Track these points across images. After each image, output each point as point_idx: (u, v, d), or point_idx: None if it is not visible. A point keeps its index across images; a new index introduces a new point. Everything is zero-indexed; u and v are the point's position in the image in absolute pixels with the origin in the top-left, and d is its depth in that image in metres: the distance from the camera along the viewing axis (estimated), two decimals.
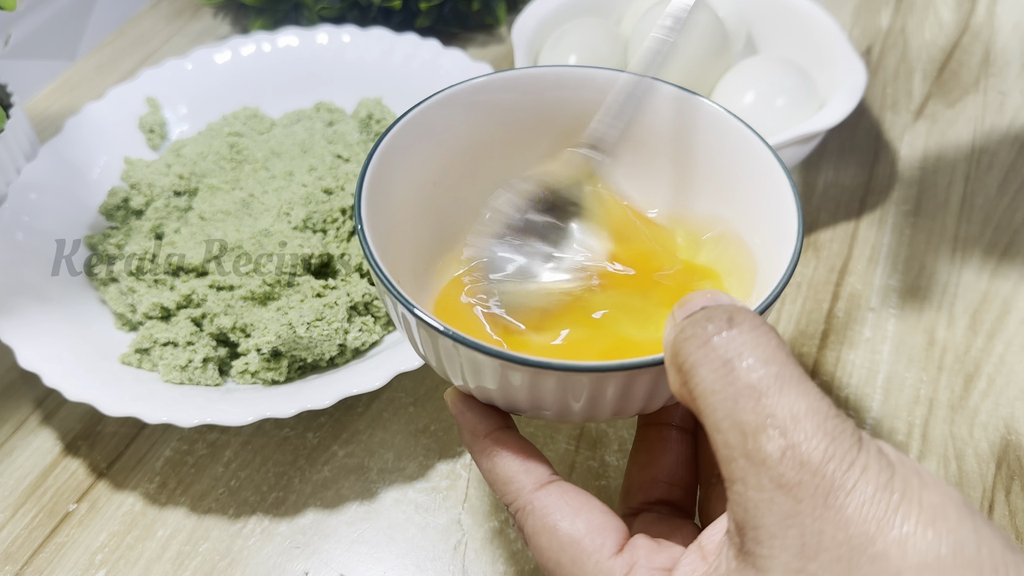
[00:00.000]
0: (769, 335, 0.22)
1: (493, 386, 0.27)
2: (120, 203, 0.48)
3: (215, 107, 0.55)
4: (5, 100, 0.51)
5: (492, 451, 0.28)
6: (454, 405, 0.30)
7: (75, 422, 0.43)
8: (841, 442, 0.20)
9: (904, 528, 0.19)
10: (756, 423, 0.21)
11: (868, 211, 0.51)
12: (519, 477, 0.27)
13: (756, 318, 0.23)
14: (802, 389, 0.21)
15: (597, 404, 0.27)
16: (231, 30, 0.67)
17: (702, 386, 0.22)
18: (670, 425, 0.31)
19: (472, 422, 0.29)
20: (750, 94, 0.49)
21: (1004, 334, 0.45)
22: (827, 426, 0.21)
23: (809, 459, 0.20)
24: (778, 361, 0.22)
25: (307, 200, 0.46)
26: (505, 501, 0.28)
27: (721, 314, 0.23)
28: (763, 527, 0.21)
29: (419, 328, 0.27)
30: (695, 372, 0.22)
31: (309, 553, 0.38)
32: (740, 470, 0.21)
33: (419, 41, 0.55)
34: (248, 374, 0.42)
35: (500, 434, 0.29)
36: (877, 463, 0.20)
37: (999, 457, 0.40)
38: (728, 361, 0.22)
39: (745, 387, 0.21)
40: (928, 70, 0.61)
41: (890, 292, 0.47)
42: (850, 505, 0.20)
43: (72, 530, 0.39)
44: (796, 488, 0.20)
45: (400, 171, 0.32)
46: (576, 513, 0.26)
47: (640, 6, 0.56)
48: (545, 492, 0.27)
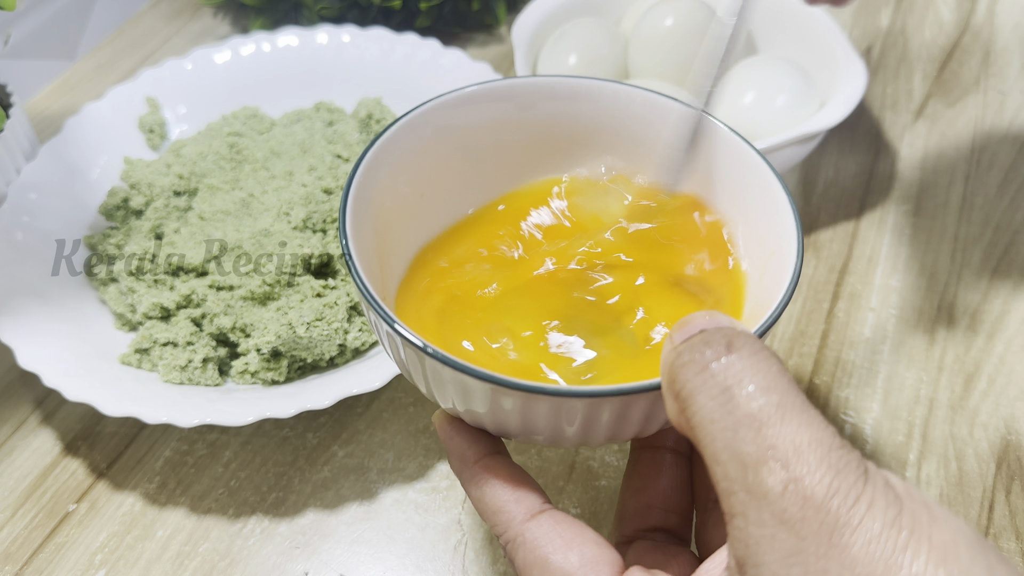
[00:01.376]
0: (770, 360, 0.21)
1: (483, 410, 0.26)
2: (120, 203, 0.48)
3: (215, 107, 0.55)
4: (5, 100, 0.51)
5: (481, 479, 0.27)
6: (442, 429, 0.29)
7: (75, 422, 0.43)
8: (846, 476, 0.19)
9: (913, 568, 0.18)
10: (757, 455, 0.20)
11: (868, 211, 0.51)
12: (509, 507, 0.26)
13: (756, 343, 0.22)
14: (805, 418, 0.20)
15: (591, 429, 0.26)
16: (231, 30, 0.67)
17: (700, 415, 0.21)
18: (664, 448, 0.30)
19: (461, 448, 0.28)
20: (750, 94, 0.49)
21: (1004, 334, 0.45)
22: (831, 458, 0.20)
23: (812, 494, 0.19)
24: (779, 389, 0.21)
25: (307, 200, 0.46)
26: (495, 532, 0.27)
27: (720, 338, 0.22)
28: (764, 564, 0.20)
29: (405, 348, 0.26)
30: (693, 400, 0.21)
31: (309, 553, 0.38)
32: (740, 504, 0.20)
33: (419, 41, 0.55)
34: (248, 374, 0.42)
35: (490, 460, 0.27)
36: (884, 498, 0.19)
37: (999, 457, 0.40)
38: (727, 388, 0.21)
39: (745, 416, 0.20)
40: (928, 70, 0.61)
41: (890, 292, 0.47)
42: (856, 544, 0.19)
43: (72, 530, 0.39)
44: (799, 524, 0.19)
45: (387, 182, 0.32)
46: (568, 546, 0.25)
47: (640, 6, 0.56)
48: (536, 523, 0.26)
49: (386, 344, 0.28)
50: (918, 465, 0.40)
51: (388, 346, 0.28)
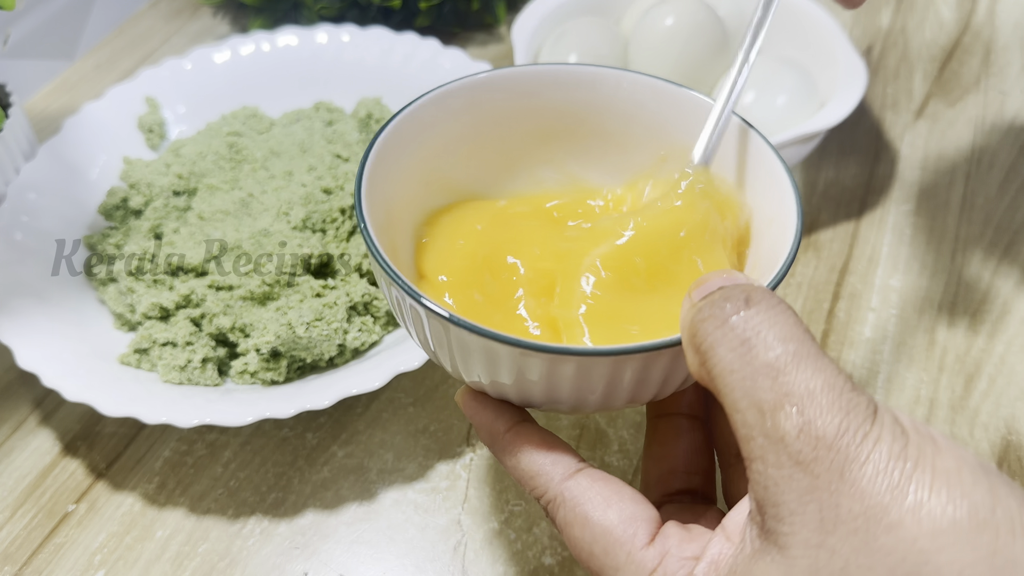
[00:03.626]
0: (787, 313, 0.22)
1: (509, 378, 0.27)
2: (119, 203, 0.48)
3: (214, 107, 0.55)
4: (4, 100, 0.51)
5: (514, 446, 0.28)
6: (467, 405, 0.29)
7: (74, 422, 0.43)
8: (855, 415, 0.21)
9: (918, 495, 0.20)
10: (774, 401, 0.21)
11: (868, 211, 0.51)
12: (546, 468, 0.27)
13: (773, 297, 0.23)
14: (819, 365, 0.21)
15: (614, 390, 0.27)
16: (230, 29, 0.67)
17: (720, 366, 0.22)
18: (680, 415, 0.31)
19: (489, 420, 0.29)
20: (750, 94, 0.49)
21: (1005, 334, 0.45)
22: (841, 400, 0.21)
23: (824, 434, 0.20)
24: (795, 339, 0.22)
25: (306, 200, 0.46)
26: (535, 495, 0.28)
27: (739, 293, 0.23)
28: (783, 504, 0.21)
29: (429, 320, 0.27)
30: (713, 352, 0.23)
31: (308, 554, 0.38)
32: (759, 448, 0.21)
33: (418, 40, 0.55)
34: (247, 374, 0.42)
35: (520, 428, 0.28)
36: (891, 433, 0.20)
37: (1000, 457, 0.40)
38: (746, 340, 0.22)
39: (763, 366, 0.22)
40: (929, 70, 0.61)
41: (890, 292, 0.47)
42: (864, 477, 0.20)
43: (71, 531, 0.39)
44: (813, 464, 0.20)
45: (396, 167, 0.32)
46: (607, 503, 0.26)
47: (640, 6, 0.56)
48: (574, 481, 0.27)
49: (408, 319, 0.28)
50: None
51: (411, 321, 0.28)
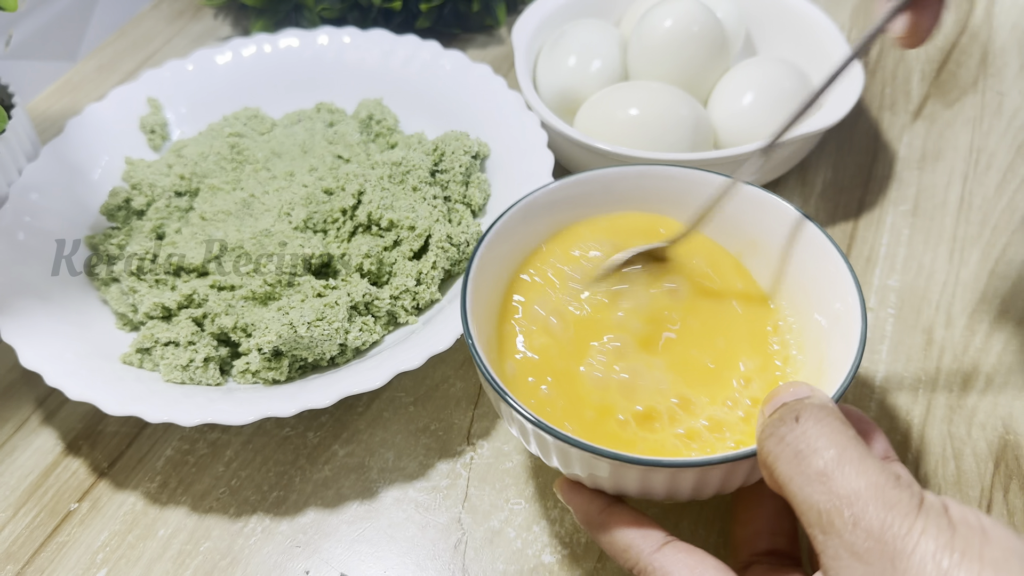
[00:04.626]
0: (831, 424, 0.26)
1: (607, 482, 0.31)
2: (121, 203, 0.48)
3: (216, 108, 0.55)
4: (7, 100, 0.52)
5: (608, 525, 0.31)
6: (564, 492, 0.33)
7: (76, 421, 0.43)
8: (899, 511, 0.24)
9: None
10: (827, 504, 0.25)
11: (866, 211, 0.51)
12: (637, 542, 0.30)
13: (820, 410, 0.27)
14: (862, 467, 0.25)
15: (703, 488, 0.31)
16: (232, 31, 0.68)
17: (783, 477, 0.26)
18: (761, 481, 0.33)
19: (584, 504, 0.32)
20: (749, 95, 0.49)
21: (1002, 334, 0.45)
22: (884, 497, 0.24)
23: (871, 528, 0.24)
24: (839, 445, 0.26)
25: (308, 200, 0.46)
26: (627, 566, 0.31)
27: (790, 413, 0.27)
28: None
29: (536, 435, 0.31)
30: (776, 465, 0.27)
31: (310, 552, 0.38)
32: (820, 544, 0.25)
33: (419, 42, 0.56)
34: (249, 373, 0.42)
35: (612, 509, 0.32)
36: (936, 526, 0.23)
37: (997, 457, 0.40)
38: (799, 452, 0.26)
39: (815, 473, 0.25)
40: (926, 70, 0.61)
41: (888, 292, 0.47)
42: (912, 568, 0.23)
43: (73, 529, 0.39)
44: (866, 555, 0.24)
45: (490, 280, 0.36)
46: (693, 572, 0.29)
47: (639, 7, 0.56)
48: (662, 553, 0.30)
49: (515, 429, 0.33)
50: (916, 464, 0.40)
51: (518, 431, 0.32)
